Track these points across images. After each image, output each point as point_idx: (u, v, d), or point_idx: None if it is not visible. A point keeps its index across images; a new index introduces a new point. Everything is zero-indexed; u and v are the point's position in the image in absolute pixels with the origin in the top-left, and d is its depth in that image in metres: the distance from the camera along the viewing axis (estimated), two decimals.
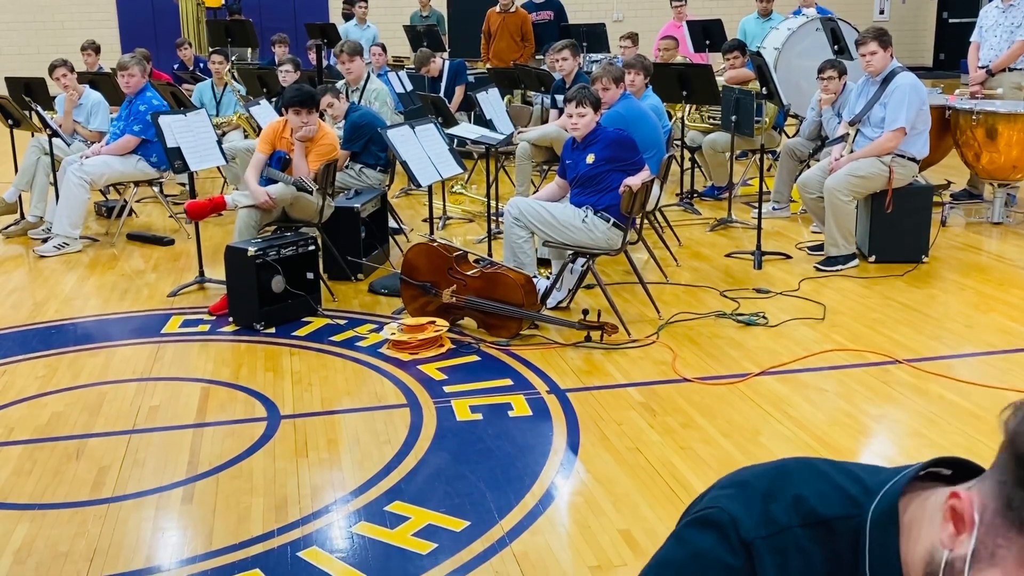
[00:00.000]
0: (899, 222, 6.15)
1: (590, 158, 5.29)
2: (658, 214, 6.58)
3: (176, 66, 11.84)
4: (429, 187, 5.89)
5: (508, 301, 4.99)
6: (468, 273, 5.10)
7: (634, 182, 5.17)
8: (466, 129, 7.29)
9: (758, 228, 6.33)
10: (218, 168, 7.00)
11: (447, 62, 9.95)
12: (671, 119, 7.54)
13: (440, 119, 6.70)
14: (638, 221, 5.66)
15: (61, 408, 4.31)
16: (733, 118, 6.85)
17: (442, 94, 9.10)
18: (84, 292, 6.08)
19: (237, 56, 10.96)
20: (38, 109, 7.43)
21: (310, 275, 5.44)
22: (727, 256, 6.47)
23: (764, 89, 7.52)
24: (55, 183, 7.16)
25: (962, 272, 6.05)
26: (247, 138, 8.32)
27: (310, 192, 5.86)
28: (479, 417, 4.12)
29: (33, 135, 7.58)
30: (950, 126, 7.10)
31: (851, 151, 6.19)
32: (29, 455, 3.85)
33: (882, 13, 18.74)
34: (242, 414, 4.21)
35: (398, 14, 13.57)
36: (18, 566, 3.08)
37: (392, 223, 6.89)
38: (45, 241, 7.00)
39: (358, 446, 3.87)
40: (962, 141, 7.04)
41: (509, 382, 4.47)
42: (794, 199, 7.27)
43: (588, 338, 4.92)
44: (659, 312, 5.30)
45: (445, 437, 3.93)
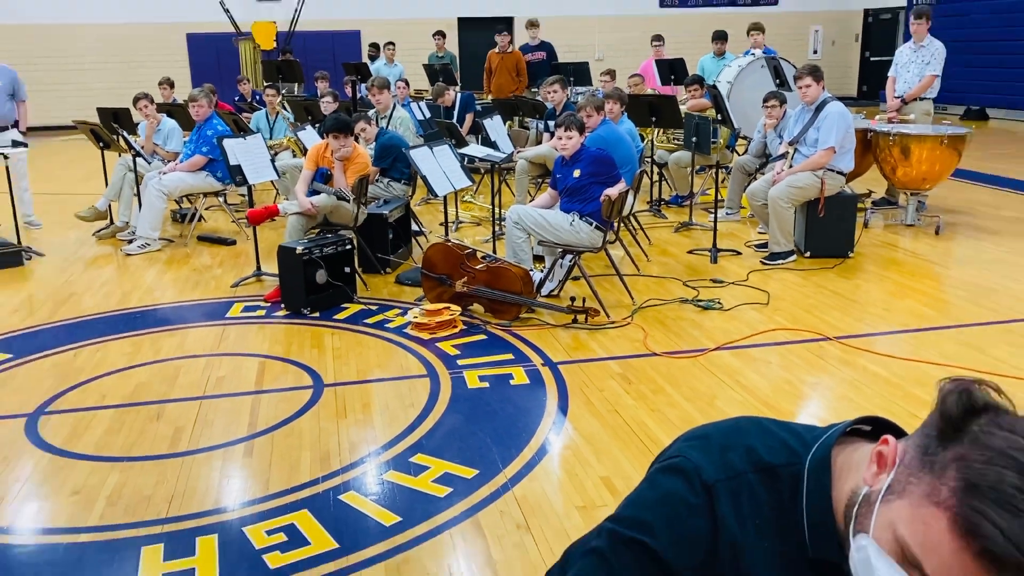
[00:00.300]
0: (829, 224, 6.16)
1: (576, 173, 5.29)
2: (632, 218, 6.57)
3: (237, 98, 11.83)
4: (444, 197, 5.88)
5: (509, 290, 4.99)
6: (476, 267, 5.10)
7: (612, 192, 5.18)
8: (474, 149, 7.29)
9: (714, 229, 6.33)
10: (271, 182, 7.00)
11: (459, 94, 9.92)
12: (643, 140, 7.51)
13: (453, 141, 6.68)
14: (616, 224, 5.66)
15: (144, 379, 4.32)
16: (694, 139, 6.85)
17: (455, 121, 9.07)
18: (162, 284, 6.08)
19: (286, 90, 10.93)
20: (124, 134, 7.41)
21: (347, 269, 5.45)
22: (689, 253, 6.46)
23: (719, 116, 7.52)
24: (138, 194, 7.16)
25: (881, 265, 6.04)
26: (295, 157, 8.29)
27: (347, 201, 5.86)
28: (486, 385, 4.12)
29: (120, 155, 7.57)
30: (871, 145, 7.09)
31: (790, 166, 6.19)
32: (119, 417, 3.86)
33: (815, 52, 18.71)
34: (292, 383, 4.21)
35: (419, 55, 13.53)
36: (111, 507, 3.09)
37: (414, 226, 6.88)
38: (130, 242, 7.00)
39: (387, 409, 3.88)
40: (881, 158, 7.02)
41: (511, 356, 4.48)
42: (743, 206, 7.26)
43: (575, 320, 4.92)
44: (633, 298, 5.30)
45: (458, 401, 3.93)
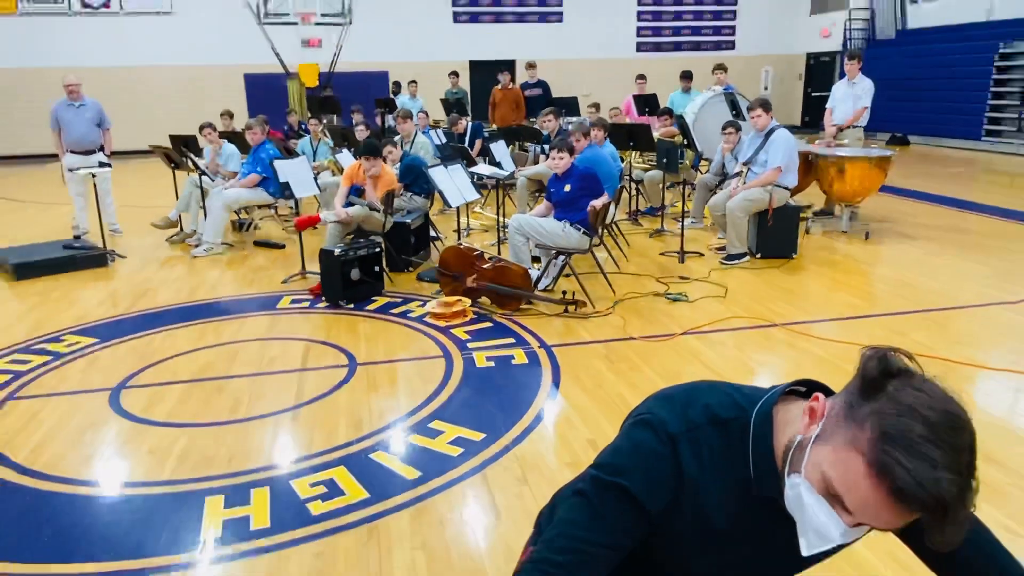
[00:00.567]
0: (777, 231, 6.13)
1: (567, 187, 5.28)
2: (614, 226, 6.55)
3: (285, 127, 11.81)
4: (457, 208, 5.88)
5: (512, 285, 4.98)
6: (484, 266, 5.09)
7: (597, 203, 5.17)
8: (482, 168, 7.28)
9: (681, 235, 6.31)
10: (314, 196, 6.99)
11: (470, 123, 9.90)
12: (623, 161, 7.50)
13: (465, 162, 6.67)
14: (600, 230, 5.64)
15: (208, 359, 4.32)
16: (664, 160, 6.82)
17: (466, 145, 9.05)
18: (224, 281, 6.07)
19: (327, 120, 10.90)
20: (192, 156, 7.40)
21: (377, 268, 5.44)
22: (661, 254, 6.43)
23: (685, 141, 7.50)
24: (204, 207, 7.14)
25: (820, 264, 6.02)
26: (334, 176, 8.27)
27: (377, 212, 5.85)
28: (492, 364, 4.11)
29: (188, 174, 7.57)
30: (812, 166, 7.06)
31: (744, 183, 6.17)
32: (187, 391, 3.86)
33: (766, 88, 18.66)
34: (331, 362, 4.21)
35: (437, 91, 13.50)
36: (181, 464, 3.10)
37: (432, 232, 6.86)
38: (197, 246, 6.99)
39: (410, 383, 3.87)
40: (820, 176, 6.99)
41: (512, 340, 4.47)
42: (706, 216, 7.23)
43: (566, 310, 4.91)
44: (614, 292, 5.29)
45: (469, 378, 3.93)
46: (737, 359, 4.09)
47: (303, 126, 11.45)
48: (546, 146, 7.71)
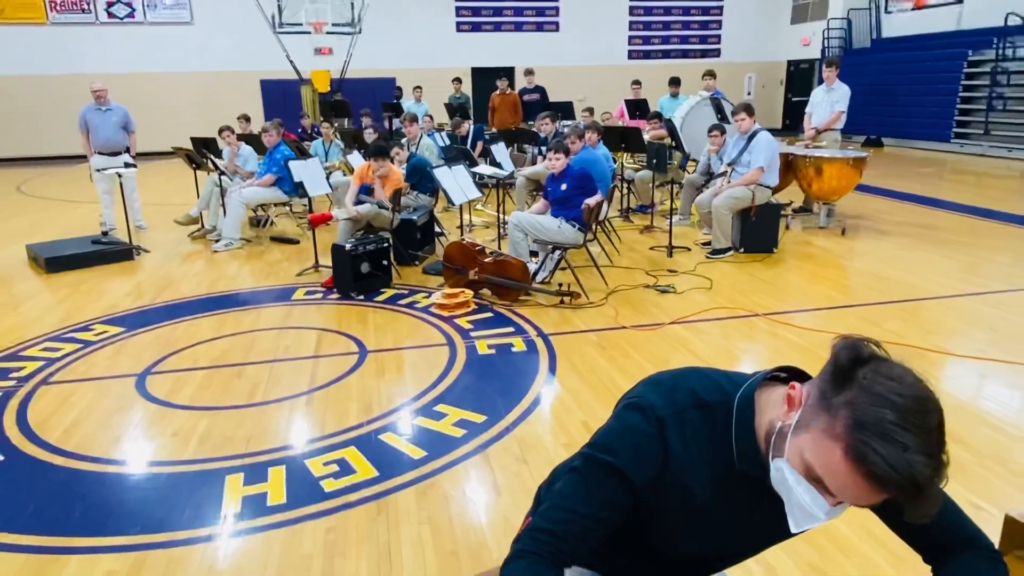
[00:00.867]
0: (759, 226, 6.12)
1: (563, 186, 5.26)
2: (607, 222, 6.54)
3: (299, 130, 11.76)
4: (460, 205, 5.86)
5: (511, 278, 4.97)
6: (485, 260, 5.08)
7: (591, 201, 5.15)
8: (483, 168, 7.26)
9: (670, 231, 6.30)
10: (327, 194, 6.96)
11: (472, 126, 9.87)
12: (615, 161, 7.48)
13: (467, 163, 6.66)
14: (594, 226, 5.64)
15: (228, 346, 4.32)
16: (654, 161, 6.81)
17: (468, 147, 9.02)
18: (242, 273, 6.06)
19: (338, 123, 10.88)
20: (211, 157, 7.38)
21: (385, 262, 5.43)
22: (650, 249, 6.42)
23: (674, 143, 7.46)
24: (223, 204, 7.13)
25: (799, 258, 6.02)
26: (344, 176, 8.25)
27: (386, 209, 5.83)
28: (493, 351, 4.11)
29: (208, 174, 7.54)
30: (792, 166, 7.04)
31: (729, 182, 6.16)
32: (208, 376, 3.86)
33: (749, 94, 18.62)
34: (343, 349, 4.21)
35: (441, 96, 13.45)
36: (202, 445, 3.10)
37: (437, 228, 6.85)
38: (217, 241, 6.98)
39: (416, 369, 3.87)
40: (800, 175, 6.98)
41: (512, 329, 4.47)
42: (692, 213, 7.22)
43: (562, 301, 4.91)
44: (607, 284, 5.28)
45: (471, 364, 3.93)
46: (722, 347, 4.09)
47: (316, 129, 11.40)
48: (543, 148, 7.72)
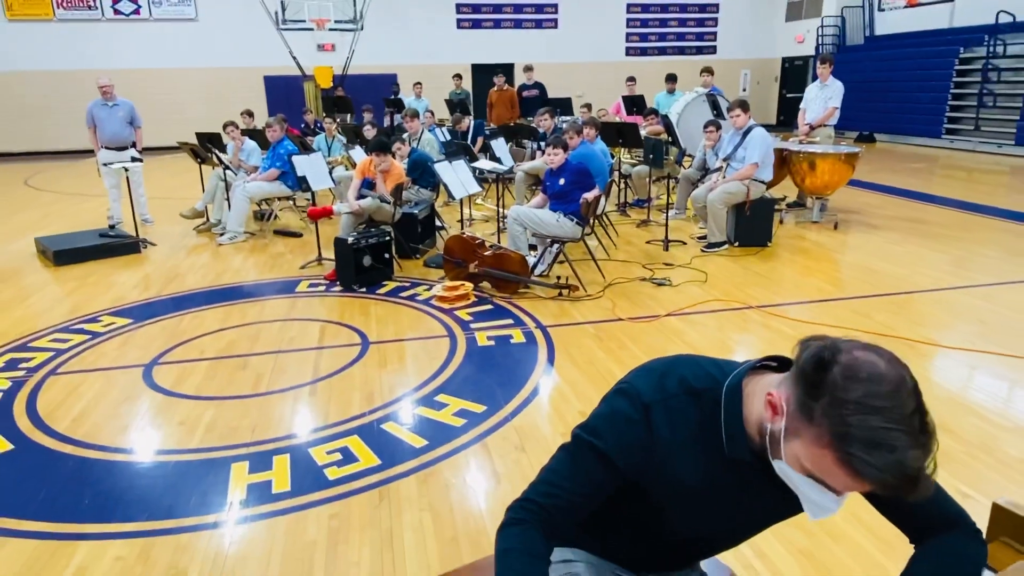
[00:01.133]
0: (753, 220, 6.11)
1: (561, 181, 5.25)
2: (604, 216, 6.54)
3: (302, 125, 11.72)
4: (460, 199, 5.86)
5: (510, 271, 4.97)
6: (485, 253, 5.08)
7: (589, 196, 5.14)
8: (483, 163, 7.23)
9: (666, 225, 6.31)
10: (329, 189, 6.96)
11: (472, 122, 9.85)
12: (613, 157, 7.46)
13: (467, 157, 6.64)
14: (591, 220, 5.63)
15: (233, 338, 4.32)
16: (651, 156, 6.81)
17: (469, 142, 9.00)
18: (247, 266, 6.06)
19: (340, 119, 10.83)
20: (216, 152, 7.37)
21: (387, 255, 5.42)
22: (647, 243, 6.42)
23: (670, 138, 7.45)
24: (228, 198, 7.12)
25: (792, 252, 6.01)
26: (347, 170, 8.24)
27: (387, 203, 5.82)
28: (492, 343, 4.11)
29: (213, 168, 7.53)
30: (786, 161, 7.03)
31: (724, 177, 6.15)
32: (214, 367, 3.87)
33: (744, 90, 18.56)
34: (345, 341, 4.21)
35: (441, 92, 13.40)
36: (208, 434, 3.10)
37: (438, 222, 6.85)
38: (222, 235, 6.96)
39: (417, 360, 3.88)
40: (794, 170, 6.97)
41: (511, 321, 4.47)
42: (688, 207, 7.22)
43: (560, 294, 4.91)
44: (604, 277, 5.28)
45: (471, 355, 3.93)
46: (716, 338, 4.09)
47: (318, 124, 11.37)
48: (542, 143, 7.70)
